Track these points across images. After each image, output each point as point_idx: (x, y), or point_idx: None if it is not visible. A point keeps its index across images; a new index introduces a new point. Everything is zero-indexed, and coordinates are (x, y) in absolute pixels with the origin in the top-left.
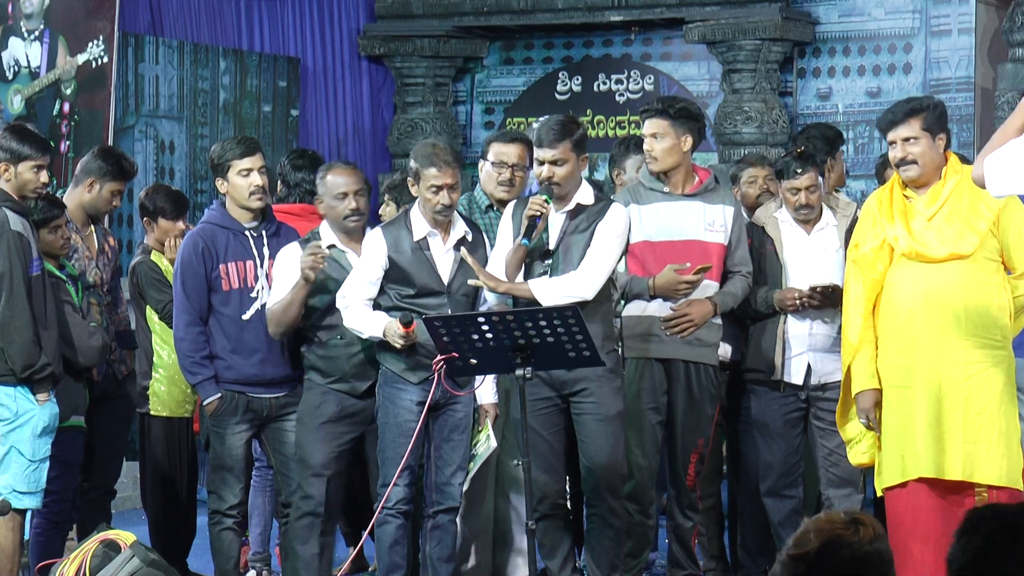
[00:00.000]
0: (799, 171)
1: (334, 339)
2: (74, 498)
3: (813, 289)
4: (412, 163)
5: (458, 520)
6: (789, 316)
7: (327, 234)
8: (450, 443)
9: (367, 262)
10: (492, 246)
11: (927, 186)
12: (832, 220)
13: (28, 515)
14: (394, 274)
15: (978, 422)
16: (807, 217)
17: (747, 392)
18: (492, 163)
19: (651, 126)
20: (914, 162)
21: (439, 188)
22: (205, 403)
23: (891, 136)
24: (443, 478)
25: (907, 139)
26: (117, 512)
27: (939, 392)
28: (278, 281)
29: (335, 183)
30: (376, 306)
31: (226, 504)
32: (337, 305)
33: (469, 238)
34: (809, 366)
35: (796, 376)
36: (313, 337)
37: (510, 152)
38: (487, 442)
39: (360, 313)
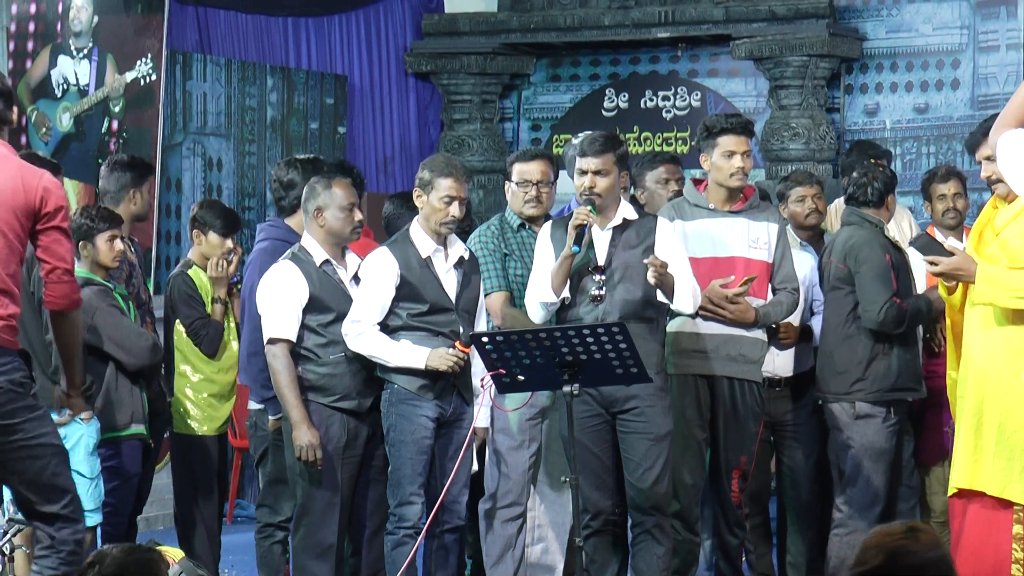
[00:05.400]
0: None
1: (336, 355)
2: (132, 513)
3: None
4: (425, 173)
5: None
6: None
7: (315, 249)
8: (455, 461)
9: (378, 283)
10: (527, 264)
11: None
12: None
13: (98, 532)
14: (404, 292)
15: (1014, 439)
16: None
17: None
18: (517, 183)
19: (746, 144)
20: (999, 180)
21: (452, 199)
22: (272, 418)
23: (977, 156)
24: (450, 496)
25: (988, 158)
26: (166, 528)
27: (981, 405)
28: (268, 300)
29: (342, 195)
30: (384, 327)
31: (279, 517)
32: (346, 331)
33: (467, 256)
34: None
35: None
36: (311, 356)
37: (533, 169)
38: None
39: (380, 341)
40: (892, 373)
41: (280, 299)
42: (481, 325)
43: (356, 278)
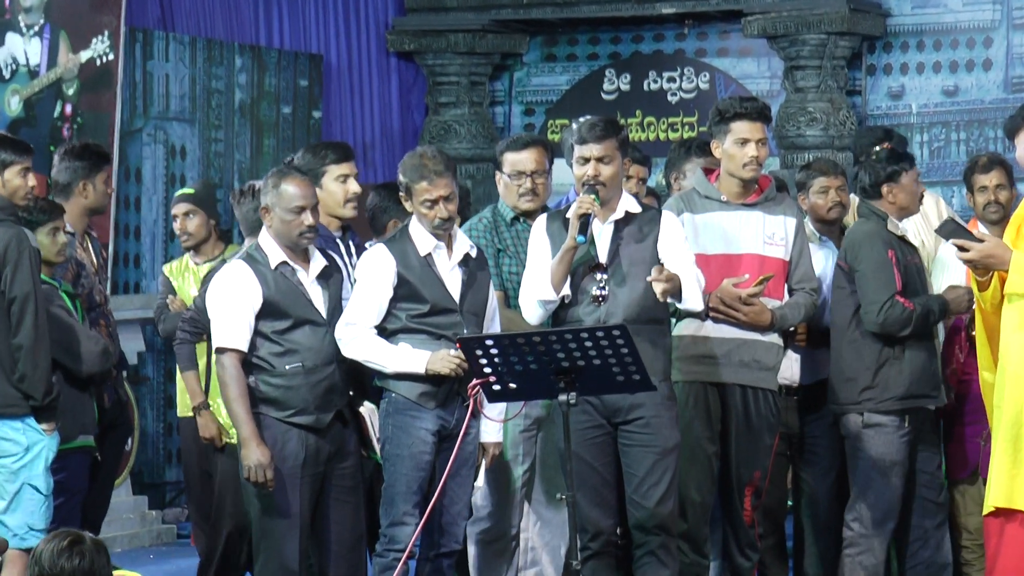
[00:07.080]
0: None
1: (293, 365)
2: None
3: None
4: (401, 178)
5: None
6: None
7: (271, 249)
8: (457, 479)
9: (374, 282)
10: (522, 260)
11: None
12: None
13: None
14: (403, 291)
15: None
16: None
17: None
18: (509, 175)
19: (761, 131)
20: None
21: (433, 202)
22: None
23: (1016, 142)
24: (448, 517)
25: None
26: (124, 550)
27: (1020, 413)
28: (217, 306)
29: (291, 195)
30: (382, 331)
31: None
32: (340, 334)
33: (473, 254)
34: None
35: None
36: (265, 365)
37: (526, 159)
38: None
39: (376, 344)
40: (904, 380)
41: (230, 305)
42: (494, 329)
43: (322, 277)
